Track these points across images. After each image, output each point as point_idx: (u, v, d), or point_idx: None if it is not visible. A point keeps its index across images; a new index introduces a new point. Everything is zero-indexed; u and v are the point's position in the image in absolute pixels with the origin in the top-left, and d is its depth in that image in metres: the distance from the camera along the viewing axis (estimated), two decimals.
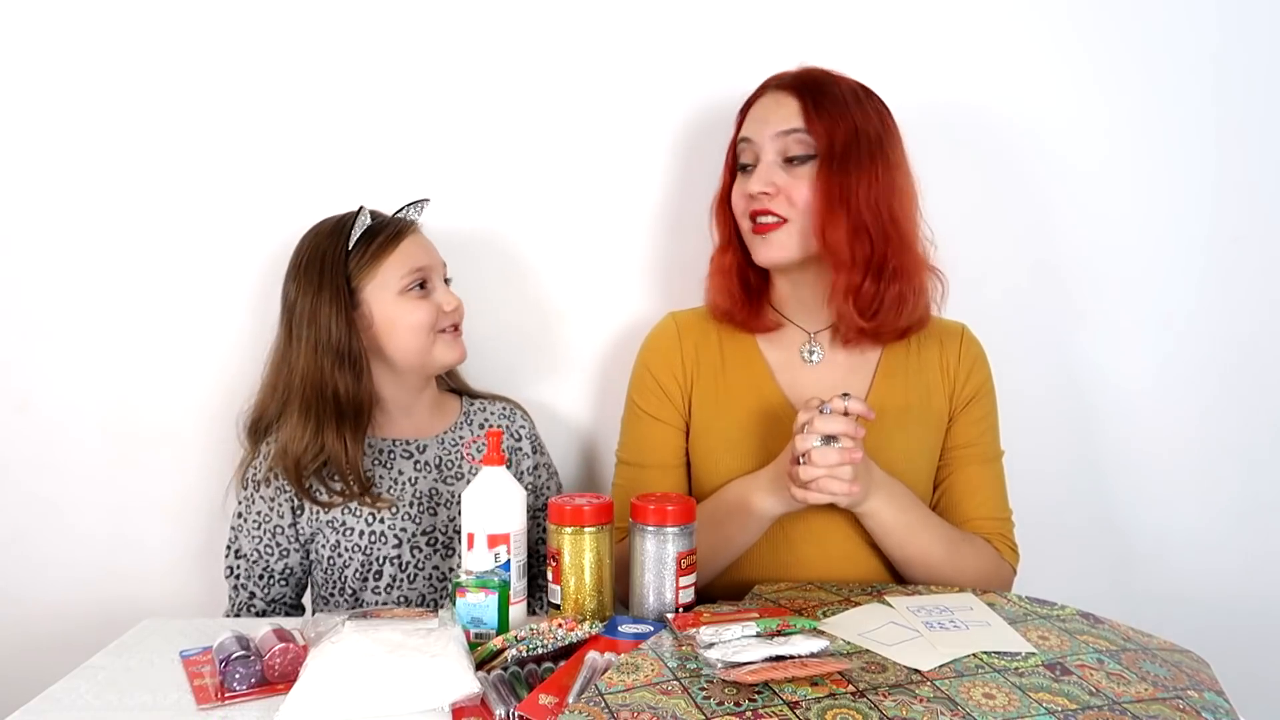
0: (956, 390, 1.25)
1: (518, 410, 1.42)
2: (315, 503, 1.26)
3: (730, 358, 1.27)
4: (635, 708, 0.80)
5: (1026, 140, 1.46)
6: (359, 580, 1.27)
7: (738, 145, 1.24)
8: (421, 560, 1.29)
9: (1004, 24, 1.45)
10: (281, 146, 1.44)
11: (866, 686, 0.83)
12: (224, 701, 0.91)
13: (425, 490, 1.30)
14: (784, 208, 1.17)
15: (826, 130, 1.16)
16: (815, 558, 1.19)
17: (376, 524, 1.27)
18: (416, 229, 1.31)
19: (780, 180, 1.17)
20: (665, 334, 1.30)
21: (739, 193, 1.22)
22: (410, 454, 1.32)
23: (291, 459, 1.24)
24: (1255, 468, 1.50)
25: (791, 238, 1.17)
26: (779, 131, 1.18)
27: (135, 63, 1.43)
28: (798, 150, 1.17)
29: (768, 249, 1.19)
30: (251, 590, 1.29)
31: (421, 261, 1.27)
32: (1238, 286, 1.48)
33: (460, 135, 1.45)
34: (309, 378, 1.24)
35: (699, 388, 1.26)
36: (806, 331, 1.26)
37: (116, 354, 1.46)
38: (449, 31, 1.44)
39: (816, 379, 1.24)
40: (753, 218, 1.19)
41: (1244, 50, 1.45)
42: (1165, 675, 0.89)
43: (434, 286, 1.29)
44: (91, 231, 1.45)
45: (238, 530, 1.29)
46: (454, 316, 1.30)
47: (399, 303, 1.26)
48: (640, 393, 1.29)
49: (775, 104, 1.20)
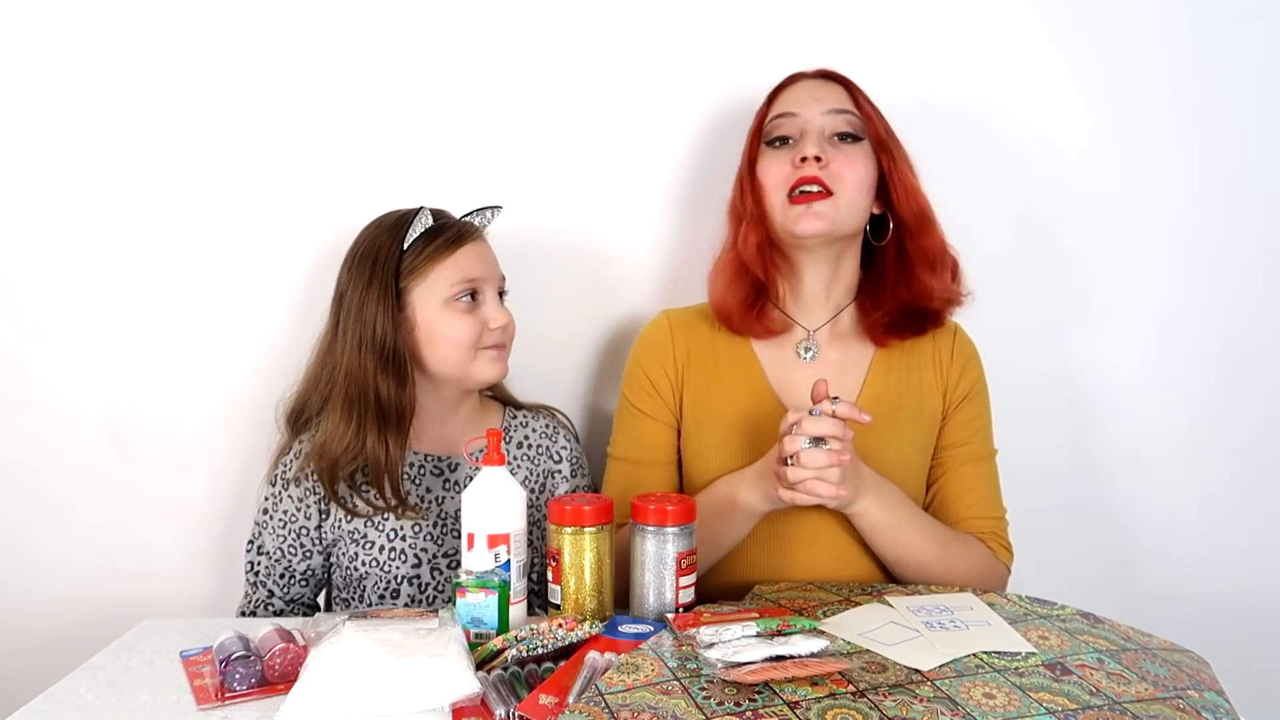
0: (949, 389, 1.25)
1: (561, 428, 1.36)
2: (344, 508, 1.22)
3: (723, 356, 1.26)
4: (635, 708, 0.80)
5: (1023, 135, 1.46)
6: (375, 596, 1.25)
7: (770, 121, 1.22)
8: (441, 582, 1.26)
9: (1001, 20, 1.44)
10: (284, 144, 1.44)
11: (866, 686, 0.83)
12: (224, 701, 0.91)
13: (451, 511, 1.27)
14: (834, 180, 1.16)
15: (872, 117, 1.20)
16: (809, 560, 1.19)
17: (397, 540, 1.24)
18: (479, 236, 1.26)
19: (830, 153, 1.17)
20: (658, 331, 1.29)
21: (776, 163, 1.20)
22: (441, 471, 1.28)
23: (329, 459, 1.21)
24: (1254, 466, 1.50)
25: (838, 210, 1.17)
26: (831, 109, 1.19)
27: (144, 58, 1.42)
28: (847, 129, 1.19)
29: (812, 219, 1.16)
30: (270, 589, 1.27)
31: (474, 272, 1.23)
32: (1235, 284, 1.48)
33: (470, 134, 1.45)
34: (352, 374, 1.20)
35: (690, 385, 1.26)
36: (806, 329, 1.26)
37: (117, 353, 1.46)
38: (449, 34, 1.43)
39: (810, 377, 1.22)
40: (796, 186, 1.17)
41: (1239, 46, 1.45)
42: (1165, 675, 0.89)
43: (484, 300, 1.24)
44: (91, 231, 1.44)
45: (262, 526, 1.27)
46: (500, 335, 1.24)
47: (444, 312, 1.22)
48: (633, 389, 1.29)
49: (820, 86, 1.22)
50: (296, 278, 1.45)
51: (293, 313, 1.45)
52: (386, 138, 1.45)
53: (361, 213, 1.29)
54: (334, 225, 1.42)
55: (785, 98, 1.23)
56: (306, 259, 1.45)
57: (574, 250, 1.48)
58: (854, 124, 1.19)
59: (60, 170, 1.44)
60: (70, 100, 1.43)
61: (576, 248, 1.48)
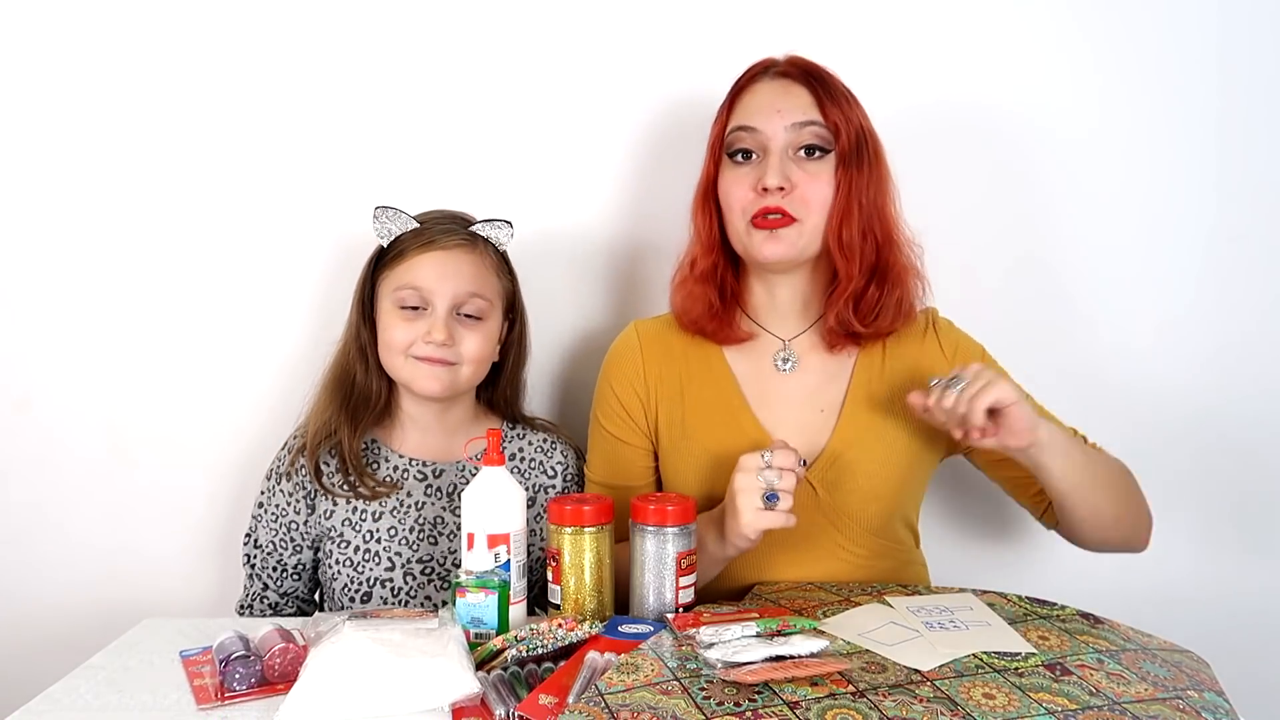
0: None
1: (559, 443, 1.34)
2: (323, 489, 1.24)
3: (696, 369, 1.21)
4: (635, 708, 0.80)
5: (1023, 134, 1.45)
6: (346, 597, 1.25)
7: (731, 133, 1.15)
8: (415, 588, 1.25)
9: (1005, 16, 1.44)
10: (286, 144, 1.44)
11: (866, 686, 0.83)
12: (224, 701, 0.91)
13: (430, 517, 1.26)
14: (798, 206, 1.11)
15: (840, 125, 1.11)
16: (809, 561, 1.18)
17: (372, 543, 1.24)
18: (450, 247, 1.22)
19: (795, 176, 1.11)
20: (627, 349, 1.24)
21: (738, 184, 1.13)
22: (424, 476, 1.28)
23: (309, 436, 1.26)
24: (1255, 466, 1.50)
25: (801, 236, 1.12)
26: (795, 122, 1.11)
27: (144, 54, 1.42)
28: (813, 143, 1.11)
29: (775, 244, 1.11)
30: (265, 581, 1.28)
31: (423, 282, 1.21)
32: (1237, 285, 1.48)
33: (482, 138, 1.45)
34: (339, 358, 1.29)
35: (663, 407, 1.21)
36: (780, 339, 1.22)
37: (117, 353, 1.46)
38: (454, 38, 1.43)
39: (791, 388, 1.20)
40: (760, 214, 1.11)
41: (1247, 45, 1.44)
42: (1165, 675, 0.89)
43: (433, 312, 1.21)
44: (91, 232, 1.45)
45: (257, 520, 1.29)
46: (436, 350, 1.20)
47: (388, 313, 1.23)
48: (604, 412, 1.24)
49: (784, 92, 1.13)
50: (298, 278, 1.46)
51: (294, 313, 1.46)
52: (385, 138, 1.45)
53: (362, 213, 1.29)
54: (338, 225, 1.43)
55: (746, 105, 1.15)
56: (309, 260, 1.45)
57: (574, 252, 1.48)
58: (820, 136, 1.11)
59: (60, 171, 1.44)
60: (69, 100, 1.43)
61: (578, 249, 1.48)
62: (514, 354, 1.33)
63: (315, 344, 1.39)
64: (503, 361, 1.33)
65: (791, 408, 1.19)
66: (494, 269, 1.26)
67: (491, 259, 1.26)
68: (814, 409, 1.19)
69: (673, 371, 1.22)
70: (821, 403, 1.19)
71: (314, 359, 1.34)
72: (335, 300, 1.37)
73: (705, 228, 1.19)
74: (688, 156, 1.26)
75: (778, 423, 1.19)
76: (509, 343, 1.32)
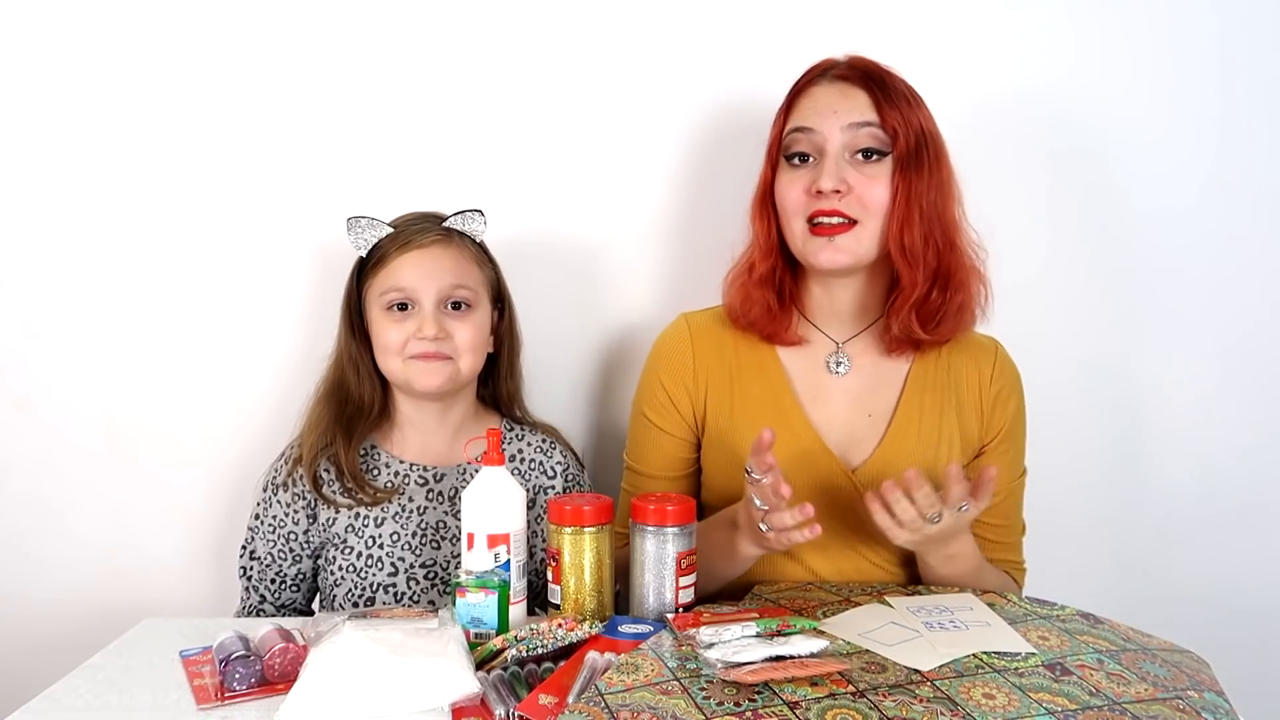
0: (986, 418, 1.20)
1: (557, 445, 1.34)
2: (324, 499, 1.24)
3: (746, 366, 1.21)
4: (635, 708, 0.80)
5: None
6: (349, 603, 1.25)
7: (788, 135, 1.14)
8: (418, 593, 1.24)
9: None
10: (282, 145, 1.44)
11: (866, 686, 0.83)
12: (224, 701, 0.91)
13: (432, 522, 1.26)
14: (855, 209, 1.09)
15: (899, 127, 1.09)
16: (811, 562, 1.18)
17: (375, 548, 1.24)
18: (427, 245, 1.22)
19: (852, 178, 1.09)
20: (678, 341, 1.23)
21: (794, 187, 1.12)
22: (425, 481, 1.27)
23: (305, 449, 1.25)
24: (1256, 467, 1.50)
25: (860, 242, 1.10)
26: (851, 123, 1.09)
27: (143, 54, 1.42)
28: (871, 145, 1.09)
29: (833, 252, 1.10)
30: (262, 594, 1.28)
31: (405, 282, 1.21)
32: (1238, 287, 1.48)
33: (474, 138, 1.44)
34: (332, 371, 1.29)
35: (712, 398, 1.20)
36: (835, 341, 1.21)
37: (117, 354, 1.46)
38: (452, 39, 1.43)
39: (842, 390, 1.19)
40: (814, 218, 1.10)
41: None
42: (1165, 675, 0.89)
43: (421, 309, 1.21)
44: (91, 232, 1.44)
45: (254, 532, 1.28)
46: (430, 345, 1.20)
47: (379, 318, 1.23)
48: (649, 402, 1.24)
49: (840, 94, 1.11)
50: (297, 279, 1.45)
51: (293, 313, 1.46)
52: (384, 139, 1.45)
53: (361, 213, 1.29)
54: (335, 227, 1.42)
55: (803, 107, 1.14)
56: (307, 261, 1.45)
57: (573, 253, 1.48)
58: (877, 138, 1.09)
59: (60, 171, 1.43)
60: (70, 102, 1.43)
61: (575, 250, 1.48)
62: (507, 341, 1.34)
63: (314, 342, 1.39)
64: (497, 351, 1.33)
65: (841, 409, 1.19)
66: (474, 259, 1.27)
67: (470, 250, 1.27)
68: (862, 413, 1.19)
69: (723, 364, 1.21)
70: (870, 407, 1.19)
71: (313, 357, 1.34)
72: (334, 299, 1.35)
73: (763, 232, 1.18)
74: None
75: (826, 423, 1.18)
76: (500, 331, 1.33)
